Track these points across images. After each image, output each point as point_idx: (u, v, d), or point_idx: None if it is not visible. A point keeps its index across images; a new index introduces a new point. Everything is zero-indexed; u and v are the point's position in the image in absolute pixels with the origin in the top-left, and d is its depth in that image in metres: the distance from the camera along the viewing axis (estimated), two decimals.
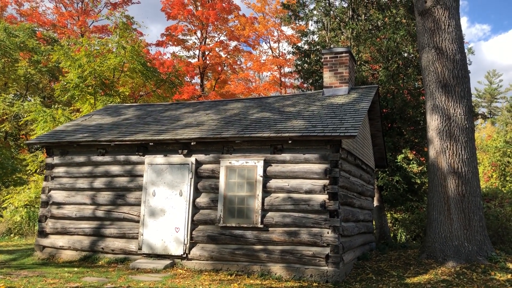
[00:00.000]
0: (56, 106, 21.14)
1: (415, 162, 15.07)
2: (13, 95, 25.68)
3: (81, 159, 11.11)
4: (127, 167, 10.70)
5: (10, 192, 19.77)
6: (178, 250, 9.78)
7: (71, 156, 11.24)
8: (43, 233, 11.12)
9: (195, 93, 30.32)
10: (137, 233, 10.23)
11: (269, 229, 9.29)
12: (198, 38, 32.69)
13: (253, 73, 36.49)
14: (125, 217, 10.45)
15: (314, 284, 8.50)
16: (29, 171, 20.47)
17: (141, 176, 10.48)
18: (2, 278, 7.91)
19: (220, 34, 33.08)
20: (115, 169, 10.79)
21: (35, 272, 8.75)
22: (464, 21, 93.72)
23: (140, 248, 10.09)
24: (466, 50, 13.70)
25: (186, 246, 9.75)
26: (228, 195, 9.67)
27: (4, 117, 23.97)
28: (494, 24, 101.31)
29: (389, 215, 18.85)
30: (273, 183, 9.45)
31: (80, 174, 11.05)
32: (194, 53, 32.90)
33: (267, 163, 9.55)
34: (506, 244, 12.59)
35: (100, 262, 10.25)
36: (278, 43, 35.37)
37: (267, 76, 36.33)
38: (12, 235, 16.62)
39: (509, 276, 8.77)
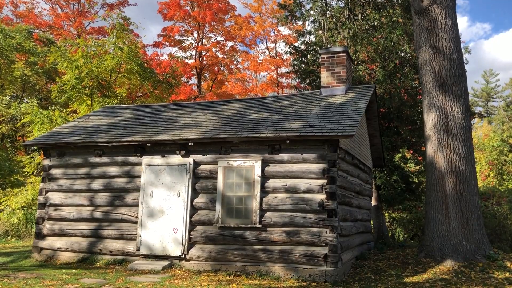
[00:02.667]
0: (53, 107, 21.06)
1: (412, 162, 15.09)
2: (9, 97, 25.60)
3: (78, 160, 11.08)
4: (124, 168, 10.68)
5: (7, 194, 19.69)
6: (176, 251, 9.77)
7: (68, 157, 11.21)
8: (40, 235, 11.08)
9: (192, 93, 30.29)
10: (135, 234, 10.20)
11: (268, 229, 9.28)
12: (195, 38, 32.67)
13: (250, 74, 36.49)
14: (123, 218, 10.43)
15: (313, 283, 8.50)
16: (26, 173, 20.39)
17: (139, 177, 10.46)
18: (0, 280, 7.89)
19: (217, 35, 33.07)
20: (112, 170, 10.77)
21: (33, 274, 8.71)
22: (464, 20, 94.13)
23: (138, 249, 10.07)
24: (462, 49, 13.74)
25: (184, 246, 9.73)
26: (226, 195, 9.66)
27: (1, 119, 23.90)
28: (495, 22, 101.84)
29: (387, 214, 18.86)
30: (271, 183, 9.44)
31: (78, 176, 11.02)
32: (191, 53, 32.88)
33: (265, 163, 9.55)
34: (503, 242, 12.63)
35: (98, 263, 10.23)
36: (275, 43, 35.37)
37: (264, 76, 36.34)
38: (9, 237, 16.55)
39: (507, 274, 8.79)
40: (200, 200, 9.91)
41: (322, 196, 9.04)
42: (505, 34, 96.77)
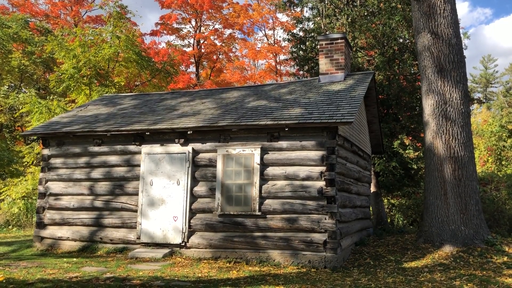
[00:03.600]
0: (51, 97, 21.03)
1: (411, 148, 15.11)
2: (7, 87, 25.53)
3: (77, 149, 11.09)
4: (124, 157, 10.69)
5: (7, 184, 19.74)
6: (176, 239, 9.83)
7: (68, 147, 11.21)
8: (41, 224, 11.13)
9: (190, 82, 30.18)
10: (136, 222, 10.25)
11: (267, 216, 9.33)
12: (193, 26, 32.47)
13: (249, 61, 36.32)
14: (123, 207, 10.47)
15: (313, 269, 8.57)
16: (26, 162, 20.42)
17: (139, 165, 10.47)
18: (1, 269, 7.93)
19: (215, 22, 32.84)
20: (112, 159, 10.78)
21: (34, 263, 8.77)
22: (465, 5, 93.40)
23: (138, 238, 10.13)
24: (461, 35, 13.67)
25: (184, 234, 9.79)
26: (226, 183, 9.69)
27: None
28: (496, 7, 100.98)
29: (386, 200, 18.94)
30: (270, 170, 9.47)
31: (77, 165, 11.03)
32: (189, 41, 32.70)
33: (264, 151, 9.56)
34: (502, 227, 12.71)
35: (99, 252, 10.29)
36: (273, 30, 35.16)
37: (262, 64, 36.16)
38: (10, 226, 16.63)
39: (505, 258, 8.86)
40: (199, 188, 9.94)
41: (321, 183, 9.07)
42: (506, 19, 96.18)
